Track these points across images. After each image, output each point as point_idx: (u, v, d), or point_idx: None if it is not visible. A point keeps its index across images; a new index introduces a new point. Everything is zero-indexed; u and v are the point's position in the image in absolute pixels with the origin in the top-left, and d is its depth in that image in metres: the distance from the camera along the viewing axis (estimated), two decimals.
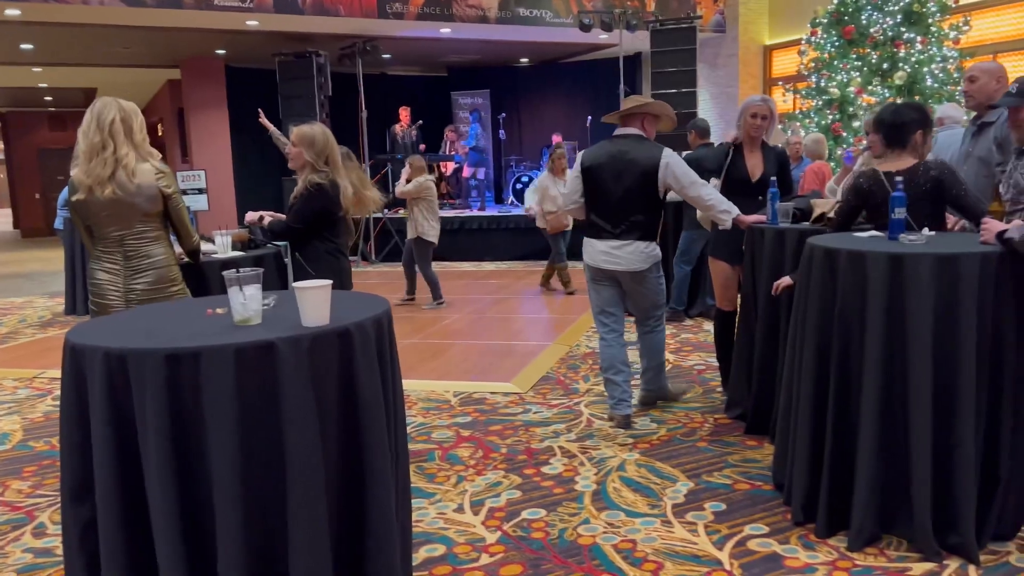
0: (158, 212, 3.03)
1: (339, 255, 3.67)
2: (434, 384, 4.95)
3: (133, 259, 3.01)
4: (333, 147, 3.62)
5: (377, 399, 1.83)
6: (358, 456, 1.83)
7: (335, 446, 1.81)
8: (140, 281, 3.02)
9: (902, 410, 2.64)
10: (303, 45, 11.03)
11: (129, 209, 2.95)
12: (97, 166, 2.87)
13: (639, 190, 3.77)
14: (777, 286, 3.38)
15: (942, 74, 8.20)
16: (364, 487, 1.84)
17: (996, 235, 2.58)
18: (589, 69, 14.04)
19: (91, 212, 2.95)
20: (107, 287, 3.01)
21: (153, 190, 2.98)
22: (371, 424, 1.82)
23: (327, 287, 1.82)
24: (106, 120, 2.89)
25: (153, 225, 3.04)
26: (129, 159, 2.90)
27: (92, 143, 2.89)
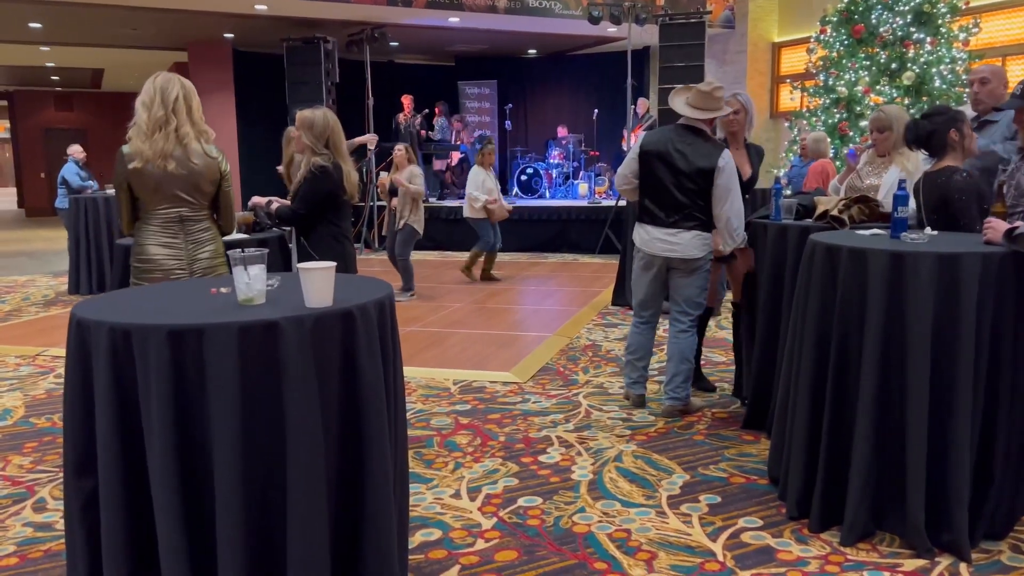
0: (212, 191, 3.08)
1: (343, 240, 3.69)
2: (434, 372, 4.97)
3: (195, 232, 3.04)
4: (335, 131, 3.64)
5: (378, 381, 1.85)
6: (357, 437, 1.85)
7: (335, 426, 1.83)
8: (204, 251, 3.06)
9: (899, 407, 2.65)
10: (311, 31, 11.02)
11: (188, 185, 2.98)
12: (160, 140, 2.89)
13: (694, 187, 3.76)
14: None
15: (951, 75, 8.17)
16: (363, 468, 1.86)
17: (1004, 233, 2.59)
18: (596, 62, 14.03)
19: (145, 183, 2.95)
20: (168, 261, 3.00)
21: (213, 169, 3.03)
22: (371, 405, 1.84)
23: (331, 269, 1.84)
24: (170, 96, 2.92)
25: (207, 203, 3.09)
26: (190, 137, 2.94)
27: (156, 117, 2.90)
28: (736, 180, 3.76)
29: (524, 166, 13.10)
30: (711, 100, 3.82)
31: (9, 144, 23.86)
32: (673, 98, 3.96)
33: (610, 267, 9.14)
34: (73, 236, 8.21)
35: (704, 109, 3.81)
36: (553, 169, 12.98)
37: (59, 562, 2.66)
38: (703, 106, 3.81)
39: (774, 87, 12.25)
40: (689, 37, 10.36)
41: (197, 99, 3.03)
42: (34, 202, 19.80)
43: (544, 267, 9.81)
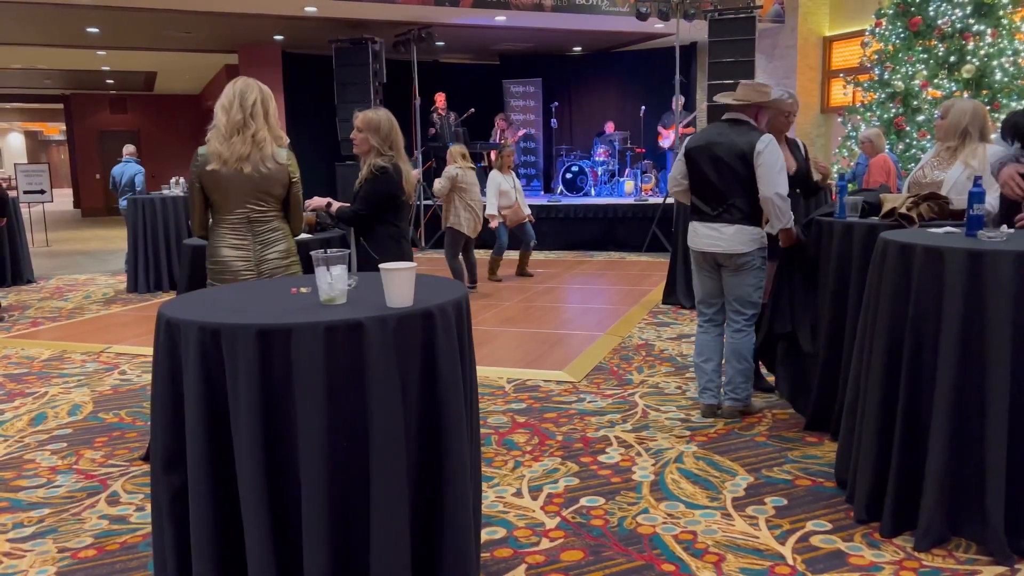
0: (283, 195, 3.14)
1: (402, 240, 3.73)
2: (487, 370, 4.99)
3: (263, 234, 3.10)
4: (397, 132, 3.71)
5: (456, 380, 1.87)
6: (437, 435, 1.87)
7: (416, 424, 1.85)
8: (273, 251, 3.12)
9: (977, 411, 2.59)
10: (359, 31, 11.14)
11: (262, 188, 3.05)
12: (238, 143, 2.97)
13: (736, 174, 3.73)
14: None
15: (1013, 68, 7.95)
16: (442, 465, 1.87)
17: None
18: (643, 59, 13.93)
19: (221, 185, 3.02)
20: (236, 263, 3.08)
21: (283, 174, 3.09)
22: (450, 404, 1.86)
23: (412, 269, 1.86)
24: (249, 101, 2.99)
25: (277, 205, 3.14)
26: (267, 142, 3.01)
27: (234, 120, 2.98)
28: (780, 162, 3.68)
29: (569, 164, 13.06)
30: (755, 92, 3.81)
31: (65, 146, 24.56)
32: (722, 97, 3.99)
33: (658, 265, 9.08)
34: (132, 235, 8.42)
35: (746, 99, 3.80)
36: (598, 167, 12.92)
37: (135, 554, 2.73)
38: (746, 97, 3.81)
39: (825, 82, 12.03)
40: (739, 32, 10.23)
41: (274, 104, 3.10)
42: (90, 202, 20.35)
43: (591, 265, 9.78)
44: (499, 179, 8.13)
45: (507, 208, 8.09)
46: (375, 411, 1.73)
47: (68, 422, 4.20)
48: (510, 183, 8.21)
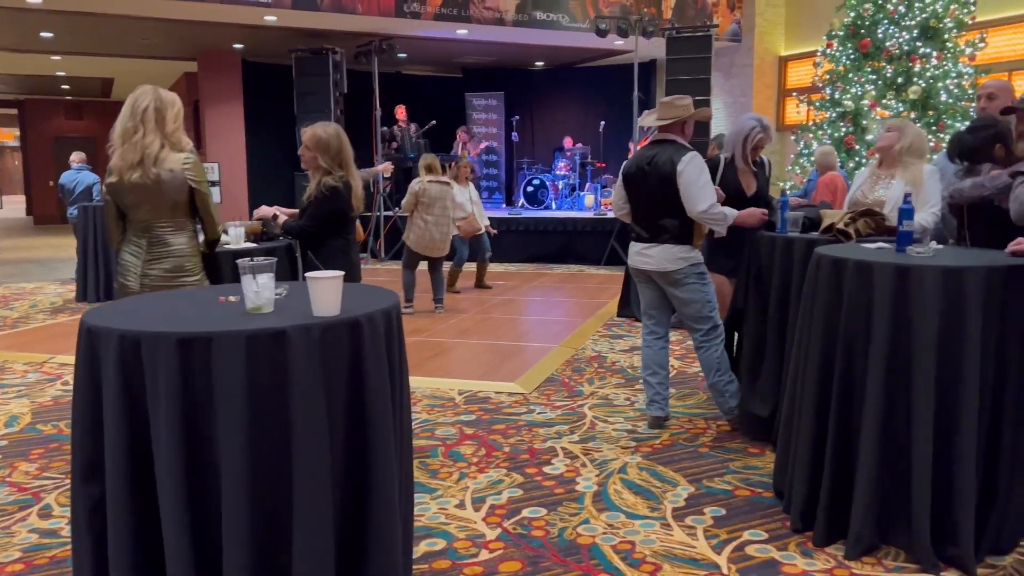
0: (184, 201, 3.09)
1: (349, 250, 3.73)
2: (439, 382, 4.98)
3: (155, 245, 3.07)
4: (347, 148, 3.70)
5: (384, 390, 1.86)
6: (364, 446, 1.86)
7: (342, 435, 1.84)
8: (157, 267, 3.07)
9: (904, 421, 2.65)
10: (320, 42, 11.10)
11: (154, 195, 3.01)
12: (128, 151, 2.95)
13: (663, 194, 3.77)
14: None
15: (957, 90, 8.19)
16: (368, 476, 1.87)
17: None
18: (603, 74, 14.08)
19: (121, 195, 3.03)
20: (130, 269, 3.08)
21: (179, 179, 3.03)
22: (378, 415, 1.85)
23: (339, 278, 1.85)
24: (140, 107, 2.96)
25: (179, 213, 3.09)
26: (153, 147, 2.96)
27: (125, 128, 2.97)
28: (702, 177, 3.70)
29: (530, 177, 13.13)
30: (673, 108, 3.86)
31: (19, 152, 24.04)
32: (645, 118, 4.05)
33: (615, 278, 9.15)
34: (82, 244, 8.26)
35: (669, 116, 3.85)
36: (559, 180, 13.01)
37: (64, 568, 2.67)
38: (666, 115, 3.85)
39: (780, 100, 12.28)
40: (696, 50, 10.40)
41: (175, 110, 3.04)
42: (42, 210, 19.93)
43: (550, 278, 9.82)
44: (455, 190, 8.10)
45: (461, 220, 8.06)
46: (298, 421, 1.72)
47: (4, 434, 4.10)
48: (466, 195, 8.20)
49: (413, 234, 7.28)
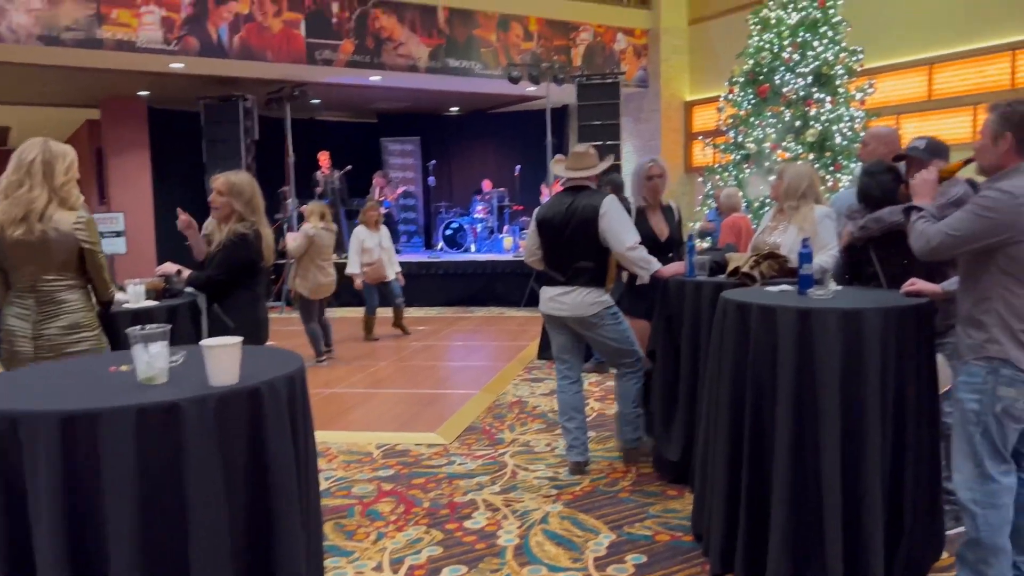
0: (75, 260, 2.93)
1: (258, 303, 3.62)
2: (356, 436, 4.85)
3: (45, 304, 2.89)
4: (259, 195, 3.63)
5: (288, 461, 1.78)
6: (267, 521, 1.77)
7: (243, 511, 1.75)
8: (51, 326, 2.89)
9: (814, 458, 2.71)
10: (229, 88, 10.92)
11: (41, 254, 2.84)
12: (12, 205, 2.79)
13: (582, 238, 3.85)
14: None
15: (850, 132, 8.64)
16: (273, 551, 1.77)
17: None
18: (518, 119, 14.31)
19: (4, 252, 2.85)
20: (16, 333, 2.88)
21: (70, 240, 2.88)
22: (281, 488, 1.77)
23: (236, 345, 1.78)
24: (26, 159, 2.81)
25: (69, 270, 2.93)
26: (39, 202, 2.80)
27: (10, 181, 2.81)
28: (622, 218, 3.83)
29: (449, 221, 13.15)
30: (587, 159, 3.98)
31: None
32: (555, 166, 4.17)
33: (535, 320, 9.17)
34: None
35: (582, 168, 3.96)
36: (478, 224, 13.07)
37: None
38: (581, 166, 3.96)
39: (687, 143, 12.71)
40: (605, 96, 10.69)
41: (66, 163, 2.89)
42: None
43: (470, 321, 9.79)
44: (363, 236, 7.92)
45: (368, 265, 7.89)
46: (193, 498, 1.63)
47: None
48: (375, 240, 7.99)
49: (307, 282, 7.02)
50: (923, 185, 2.74)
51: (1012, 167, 2.46)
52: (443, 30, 10.83)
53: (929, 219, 2.61)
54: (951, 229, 2.47)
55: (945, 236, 2.48)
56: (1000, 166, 2.48)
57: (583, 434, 4.08)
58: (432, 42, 10.76)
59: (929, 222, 2.59)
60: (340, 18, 10.19)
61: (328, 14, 10.11)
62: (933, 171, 2.78)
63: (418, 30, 10.67)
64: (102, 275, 2.99)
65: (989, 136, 2.48)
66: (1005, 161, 2.47)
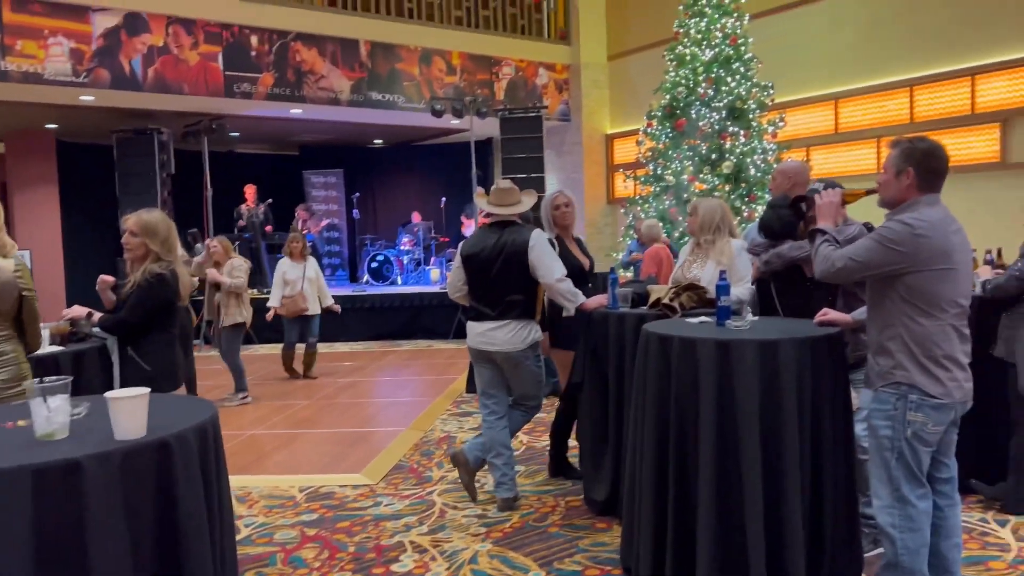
0: (11, 311, 2.79)
1: (173, 346, 3.48)
2: (278, 479, 4.70)
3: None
4: (175, 234, 3.51)
5: (200, 516, 1.70)
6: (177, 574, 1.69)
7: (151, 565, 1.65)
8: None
9: (737, 488, 2.75)
10: (144, 121, 10.60)
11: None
12: None
13: (512, 272, 3.87)
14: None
15: (763, 164, 8.97)
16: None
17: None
18: (443, 152, 14.35)
19: None
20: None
21: (11, 287, 2.74)
22: (193, 542, 1.69)
23: (143, 396, 1.70)
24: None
25: (5, 319, 2.79)
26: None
27: None
28: (550, 251, 3.90)
29: (375, 253, 13.03)
30: (511, 195, 4.04)
31: None
32: (478, 200, 4.22)
33: (464, 352, 9.11)
34: None
35: (507, 205, 4.01)
36: (404, 256, 12.99)
37: None
38: (506, 202, 4.02)
39: (609, 175, 12.97)
40: (528, 130, 10.84)
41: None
42: None
43: (398, 355, 9.67)
44: (285, 267, 7.78)
45: (287, 298, 7.72)
46: (96, 562, 1.53)
47: None
48: (299, 272, 7.80)
49: (246, 312, 6.97)
50: (827, 207, 2.84)
51: (912, 200, 2.58)
52: (365, 63, 10.82)
53: (832, 243, 2.71)
54: (855, 255, 2.57)
55: (848, 261, 2.58)
56: (901, 200, 2.60)
57: (511, 470, 4.05)
58: (354, 75, 10.72)
59: (833, 246, 2.70)
60: (259, 51, 10.06)
61: (247, 47, 9.98)
62: (838, 193, 2.88)
63: (339, 63, 10.62)
64: (36, 324, 2.87)
65: (892, 171, 2.61)
66: (906, 195, 2.59)
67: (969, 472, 3.81)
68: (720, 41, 9.19)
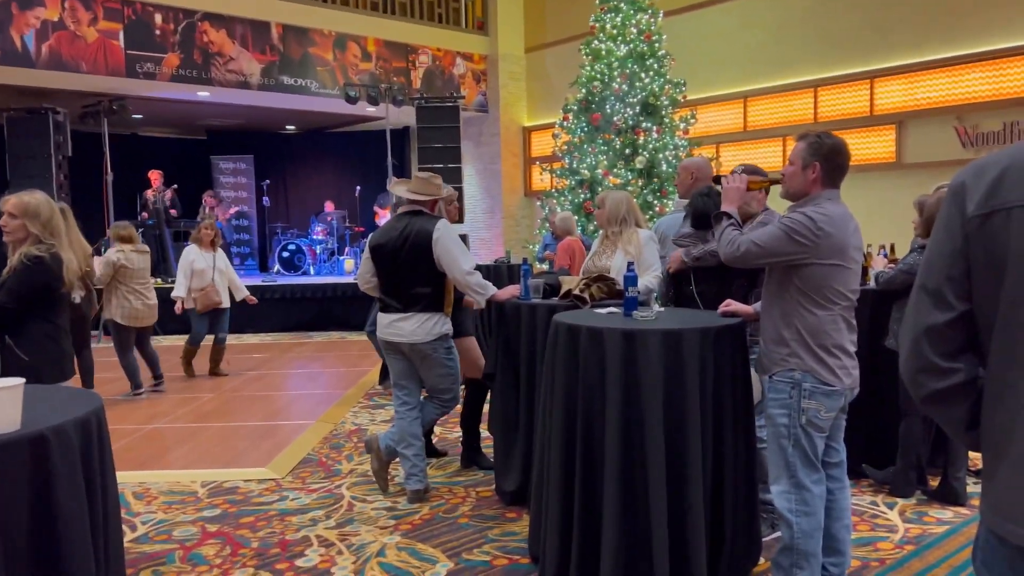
0: None
1: (59, 338, 3.29)
2: (179, 474, 4.53)
3: None
4: (59, 217, 3.31)
5: (80, 511, 1.61)
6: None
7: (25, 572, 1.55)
8: None
9: (642, 478, 2.79)
10: (37, 100, 10.03)
11: None
12: None
13: (417, 263, 3.82)
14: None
15: (675, 160, 9.16)
16: None
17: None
18: (358, 139, 14.12)
19: None
20: None
21: None
22: (71, 540, 1.59)
23: (17, 387, 1.59)
24: None
25: None
26: None
27: None
28: (457, 243, 3.87)
29: (286, 242, 12.73)
30: (430, 186, 4.00)
31: None
32: (395, 187, 4.14)
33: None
34: None
35: (424, 193, 3.97)
36: (317, 245, 12.73)
37: None
38: (423, 191, 3.97)
39: (527, 168, 13.02)
40: (445, 119, 10.76)
41: None
42: None
43: (309, 347, 9.47)
44: (193, 256, 7.20)
45: (199, 290, 7.21)
46: None
47: None
48: (208, 261, 7.29)
49: (120, 308, 6.50)
50: (732, 192, 2.91)
51: (815, 194, 2.66)
52: (277, 47, 10.52)
53: (736, 227, 2.78)
54: (759, 240, 2.64)
55: (752, 245, 2.65)
56: (805, 192, 2.68)
57: (421, 461, 4.02)
58: (265, 59, 10.42)
59: (737, 230, 2.77)
60: (164, 30, 9.65)
61: (151, 25, 9.55)
62: (744, 178, 2.94)
63: (250, 46, 10.29)
64: None
65: (799, 163, 2.68)
66: (811, 189, 2.67)
67: (860, 457, 4.00)
68: (635, 37, 9.34)
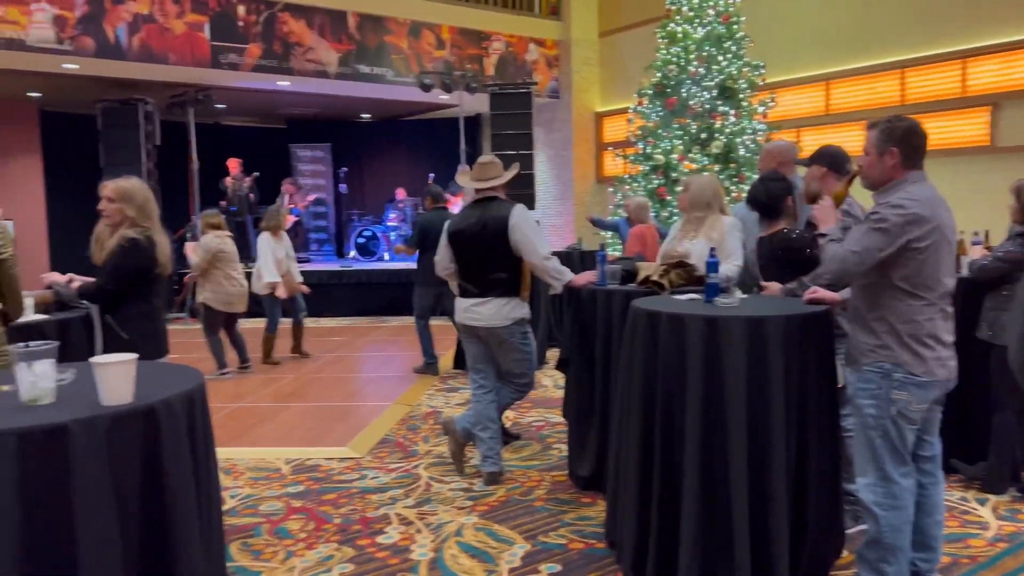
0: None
1: (155, 318, 3.46)
2: (264, 452, 4.70)
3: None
4: (153, 202, 3.48)
5: (186, 483, 1.70)
6: (165, 546, 1.68)
7: (138, 538, 1.65)
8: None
9: (722, 465, 2.77)
10: (129, 91, 10.47)
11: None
12: None
13: (494, 249, 3.87)
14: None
15: (753, 144, 8.96)
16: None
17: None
18: (431, 127, 14.25)
19: None
20: None
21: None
22: (179, 511, 1.68)
23: (130, 362, 1.68)
24: None
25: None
26: None
27: None
28: (534, 228, 3.90)
29: (361, 229, 12.97)
30: (490, 169, 4.02)
31: None
32: (460, 178, 4.20)
33: (450, 330, 9.08)
34: None
35: (488, 178, 3.99)
36: (391, 232, 12.93)
37: None
38: (485, 176, 4.00)
39: (599, 153, 12.93)
40: (518, 106, 10.76)
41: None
42: None
43: (384, 331, 9.66)
44: (271, 244, 7.36)
45: (283, 277, 7.39)
46: (83, 527, 1.53)
47: None
48: (284, 250, 7.48)
49: (215, 293, 6.75)
50: (823, 212, 2.90)
51: (899, 179, 2.58)
52: (353, 36, 10.69)
53: (837, 241, 2.72)
54: (854, 248, 2.58)
55: (849, 254, 2.59)
56: (887, 179, 2.61)
57: (497, 444, 4.07)
58: (342, 48, 10.60)
59: (837, 243, 2.71)
60: (246, 21, 9.92)
61: (234, 17, 9.83)
62: (828, 200, 2.93)
63: (327, 35, 10.49)
64: (16, 287, 2.80)
65: (875, 152, 2.61)
66: (892, 174, 2.60)
67: (951, 452, 3.86)
68: (712, 19, 9.15)
